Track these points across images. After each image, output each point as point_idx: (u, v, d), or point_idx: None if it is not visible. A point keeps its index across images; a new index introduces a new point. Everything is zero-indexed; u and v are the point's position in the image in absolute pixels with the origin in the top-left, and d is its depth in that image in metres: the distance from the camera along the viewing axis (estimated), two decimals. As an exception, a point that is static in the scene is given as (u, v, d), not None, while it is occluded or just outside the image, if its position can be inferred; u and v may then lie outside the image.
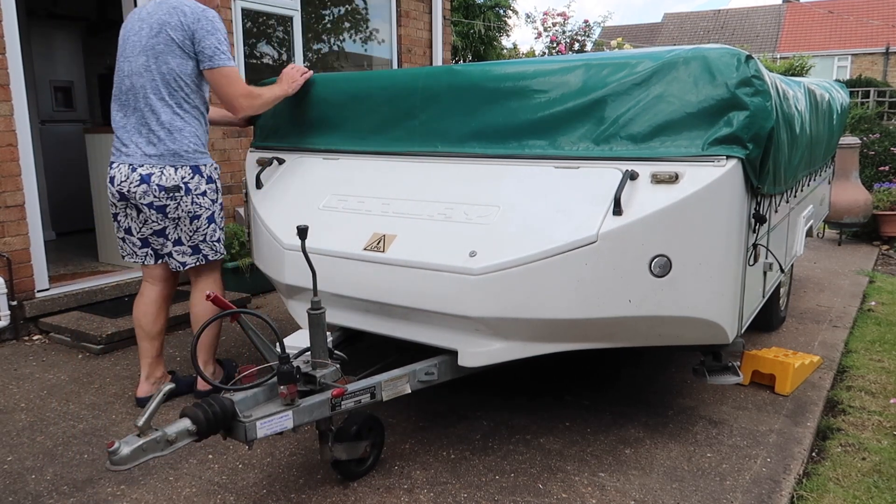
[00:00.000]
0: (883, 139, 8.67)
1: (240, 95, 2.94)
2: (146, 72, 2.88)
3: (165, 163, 2.92)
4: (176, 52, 2.86)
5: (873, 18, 27.99)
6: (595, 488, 2.52)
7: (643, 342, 2.55)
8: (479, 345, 2.55)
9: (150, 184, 2.90)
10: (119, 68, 2.98)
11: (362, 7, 7.00)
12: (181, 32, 2.84)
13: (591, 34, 14.45)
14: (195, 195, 2.98)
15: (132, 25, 2.95)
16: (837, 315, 4.65)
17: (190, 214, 2.99)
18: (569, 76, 2.59)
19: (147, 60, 2.87)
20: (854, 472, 2.67)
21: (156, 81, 2.88)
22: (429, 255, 2.51)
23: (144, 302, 3.19)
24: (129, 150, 2.95)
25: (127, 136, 2.96)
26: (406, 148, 2.95)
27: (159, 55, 2.86)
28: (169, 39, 2.84)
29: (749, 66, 2.34)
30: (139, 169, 2.91)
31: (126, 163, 2.95)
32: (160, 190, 2.91)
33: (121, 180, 2.96)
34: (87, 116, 7.17)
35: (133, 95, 2.93)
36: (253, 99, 2.98)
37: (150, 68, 2.87)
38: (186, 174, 2.95)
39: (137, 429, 1.96)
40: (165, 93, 2.89)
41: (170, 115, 2.91)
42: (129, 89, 2.94)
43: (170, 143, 2.92)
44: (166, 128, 2.91)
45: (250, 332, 2.37)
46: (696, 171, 2.33)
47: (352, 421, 2.54)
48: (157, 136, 2.91)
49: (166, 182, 2.91)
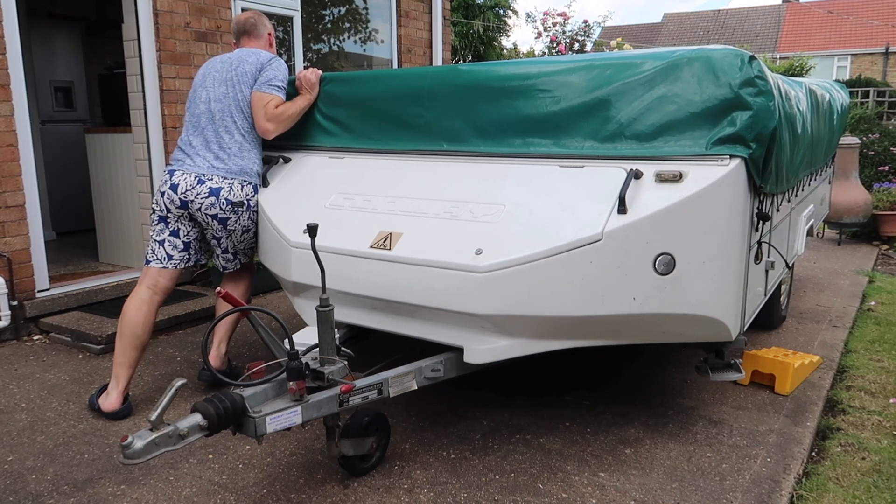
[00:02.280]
0: (883, 139, 8.68)
1: (267, 118, 3.11)
2: (224, 98, 3.14)
3: (235, 178, 3.10)
4: (249, 84, 3.15)
5: (873, 18, 28.02)
6: (595, 488, 2.52)
7: (647, 339, 2.56)
8: (484, 342, 2.56)
9: (218, 197, 3.07)
10: (196, 95, 3.22)
11: (362, 7, 7.00)
12: (255, 67, 3.16)
13: (591, 34, 14.44)
14: (251, 212, 3.18)
15: (214, 64, 3.24)
16: (837, 315, 4.65)
17: (244, 228, 3.20)
18: (573, 76, 2.60)
19: (227, 89, 3.15)
20: (854, 472, 2.67)
21: (231, 107, 3.13)
22: (435, 253, 2.52)
23: (143, 310, 3.13)
24: (196, 161, 3.11)
25: (194, 151, 3.14)
26: (412, 147, 2.96)
27: (236, 84, 3.14)
28: (244, 73, 3.15)
29: (752, 66, 2.35)
30: (208, 182, 3.06)
31: (192, 172, 3.08)
32: (227, 204, 3.09)
33: (185, 189, 3.07)
34: (87, 116, 7.16)
35: (209, 118, 3.15)
36: (279, 121, 3.14)
37: (228, 95, 3.14)
38: (250, 192, 3.15)
39: (150, 423, 1.98)
40: (238, 117, 3.14)
41: (240, 137, 3.14)
42: (204, 112, 3.16)
43: (238, 161, 3.12)
44: (237, 147, 3.13)
45: (260, 328, 2.39)
46: (700, 170, 2.34)
47: (359, 417, 2.56)
48: (227, 153, 3.11)
49: (234, 197, 3.09)
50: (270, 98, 3.11)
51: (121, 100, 6.37)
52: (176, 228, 3.18)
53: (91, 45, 7.35)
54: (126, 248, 5.26)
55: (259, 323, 2.38)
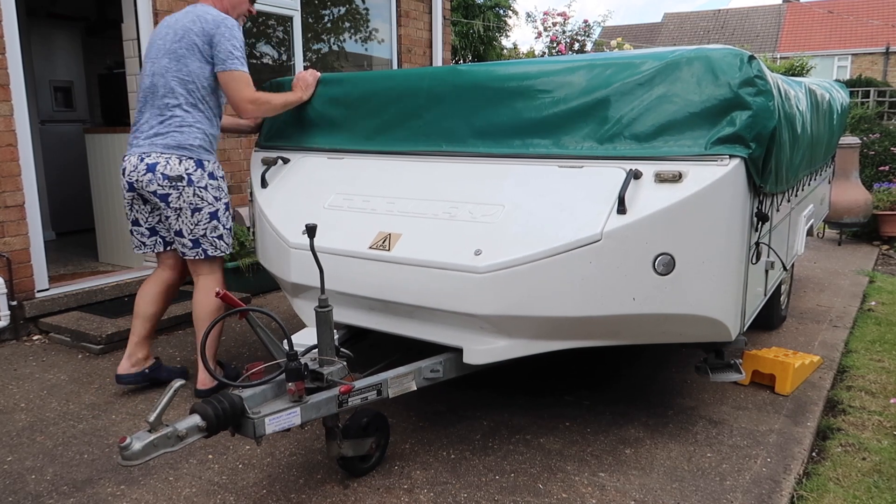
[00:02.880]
0: (883, 139, 8.67)
1: (246, 100, 3.05)
2: (166, 73, 3.03)
3: (172, 153, 3.03)
4: (196, 56, 3.02)
5: (873, 18, 28.01)
6: (595, 488, 2.52)
7: (647, 340, 2.56)
8: (484, 342, 2.56)
9: (154, 172, 3.02)
10: (143, 69, 3.14)
11: (362, 7, 6.99)
12: (202, 38, 3.01)
13: (591, 34, 14.44)
14: (197, 187, 3.08)
15: (160, 31, 3.12)
16: (837, 315, 4.65)
17: (191, 206, 3.09)
18: (573, 76, 2.60)
19: (169, 62, 3.03)
20: (854, 472, 2.66)
21: (175, 82, 3.03)
22: (434, 254, 2.52)
23: (148, 283, 3.35)
24: (140, 141, 3.10)
25: (139, 131, 3.12)
26: (411, 147, 2.96)
27: (181, 58, 3.02)
28: (191, 44, 3.01)
29: (752, 66, 2.35)
30: (146, 159, 3.04)
31: (136, 153, 3.08)
32: (164, 178, 3.02)
33: (130, 170, 3.09)
34: (87, 116, 7.16)
35: (152, 93, 3.07)
36: (259, 105, 3.08)
37: (169, 70, 3.03)
38: (190, 166, 3.06)
39: (148, 424, 1.97)
40: (182, 92, 3.04)
41: (182, 112, 3.05)
42: (149, 87, 3.09)
43: (178, 136, 3.04)
44: (177, 123, 3.04)
45: (259, 329, 2.39)
46: (700, 170, 2.34)
47: (359, 417, 2.56)
48: (167, 128, 3.04)
49: (170, 171, 3.02)
50: (240, 74, 3.02)
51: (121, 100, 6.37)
52: (136, 218, 3.22)
53: (91, 45, 7.35)
54: (126, 249, 5.26)
55: (258, 324, 2.38)
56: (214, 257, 3.22)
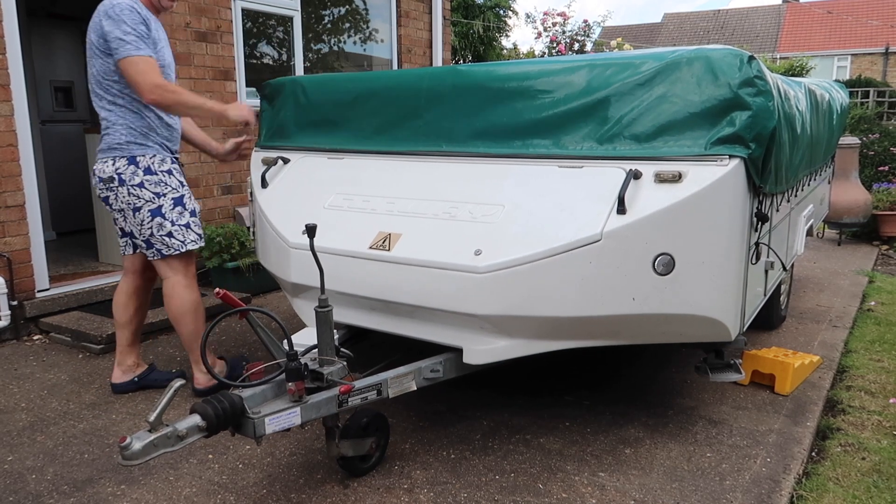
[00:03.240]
0: (883, 139, 8.68)
1: (148, 83, 2.83)
2: (90, 78, 3.02)
3: (105, 155, 3.04)
4: (97, 54, 2.94)
5: (873, 18, 28.01)
6: (595, 488, 2.52)
7: (646, 340, 2.56)
8: (484, 342, 2.56)
9: (95, 177, 3.08)
10: None
11: (362, 7, 7.00)
12: (96, 33, 2.92)
13: (590, 34, 14.45)
14: (130, 186, 3.00)
15: None
16: (837, 315, 4.65)
17: (131, 206, 3.03)
18: (573, 76, 2.60)
19: (90, 67, 3.01)
20: (854, 472, 2.67)
21: (94, 84, 3.01)
22: (434, 254, 2.52)
23: (117, 292, 3.35)
24: None
25: None
26: (411, 147, 2.96)
27: (90, 59, 2.99)
28: (91, 43, 2.95)
29: (752, 66, 2.35)
30: (95, 167, 3.08)
31: None
32: (100, 182, 3.05)
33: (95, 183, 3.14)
34: (88, 116, 7.16)
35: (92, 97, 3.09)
36: (165, 92, 2.86)
37: (91, 74, 3.01)
38: (121, 165, 3.00)
39: (148, 424, 1.98)
40: (101, 92, 3.01)
41: (105, 112, 3.02)
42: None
43: (107, 138, 3.04)
44: (105, 125, 3.04)
45: (259, 329, 2.39)
46: (700, 170, 2.34)
47: (359, 417, 2.56)
48: (102, 133, 3.05)
49: (104, 174, 3.03)
50: (135, 59, 2.82)
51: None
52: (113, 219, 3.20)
53: (91, 45, 7.34)
54: (126, 249, 5.26)
55: (258, 323, 2.38)
56: (172, 256, 3.09)
